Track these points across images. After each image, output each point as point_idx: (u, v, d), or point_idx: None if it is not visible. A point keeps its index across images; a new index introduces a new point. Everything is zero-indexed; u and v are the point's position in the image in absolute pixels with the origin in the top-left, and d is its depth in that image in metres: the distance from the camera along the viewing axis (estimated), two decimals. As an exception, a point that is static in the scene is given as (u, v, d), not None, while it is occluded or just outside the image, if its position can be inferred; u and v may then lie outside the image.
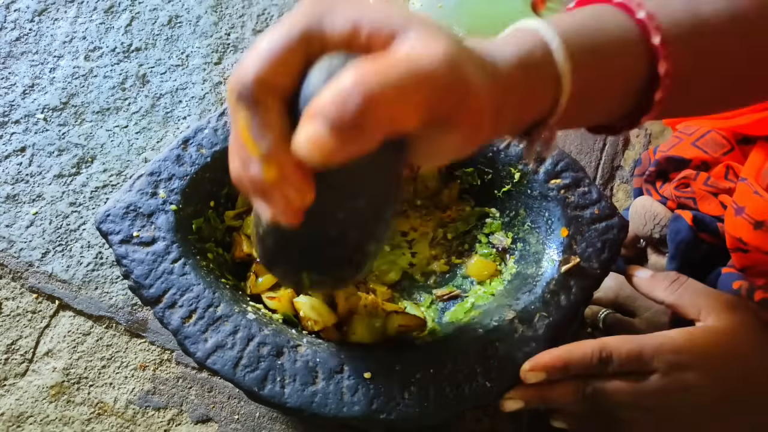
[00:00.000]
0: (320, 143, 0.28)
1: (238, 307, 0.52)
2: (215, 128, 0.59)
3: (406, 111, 0.29)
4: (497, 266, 0.60)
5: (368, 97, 0.27)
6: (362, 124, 0.28)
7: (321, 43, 0.31)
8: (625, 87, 0.38)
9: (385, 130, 0.29)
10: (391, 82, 0.28)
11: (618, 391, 0.49)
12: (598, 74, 0.36)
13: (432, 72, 0.29)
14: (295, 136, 0.29)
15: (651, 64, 0.37)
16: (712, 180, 0.62)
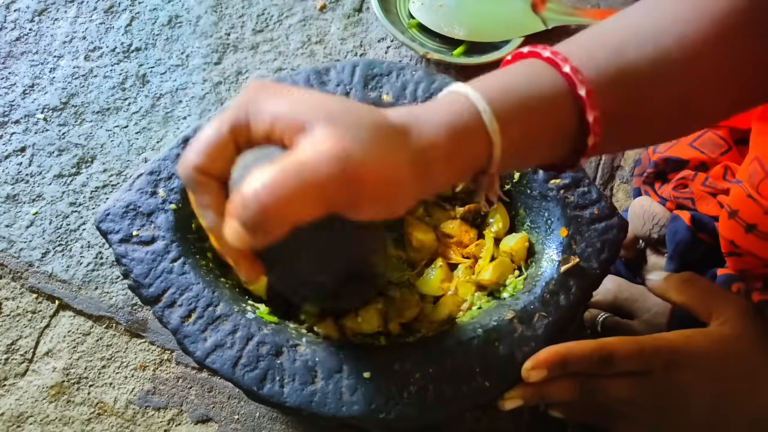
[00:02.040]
0: (238, 236, 0.34)
1: (237, 306, 0.52)
2: (215, 128, 0.59)
3: (300, 209, 0.33)
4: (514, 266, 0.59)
5: (260, 208, 0.33)
6: (262, 223, 0.33)
7: (247, 135, 0.37)
8: (557, 136, 0.41)
9: (286, 224, 0.34)
10: (279, 194, 0.33)
11: (616, 390, 0.49)
12: (528, 129, 0.39)
13: (318, 176, 0.33)
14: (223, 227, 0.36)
15: (579, 114, 0.40)
16: (711, 180, 0.62)
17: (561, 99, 0.40)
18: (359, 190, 0.35)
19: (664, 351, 0.49)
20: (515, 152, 0.39)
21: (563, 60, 0.40)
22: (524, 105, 0.39)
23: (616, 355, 0.49)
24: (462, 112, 0.38)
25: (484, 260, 0.59)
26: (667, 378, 0.48)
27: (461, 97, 0.39)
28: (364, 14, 0.91)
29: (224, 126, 0.37)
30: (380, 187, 0.35)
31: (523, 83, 0.40)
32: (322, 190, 0.33)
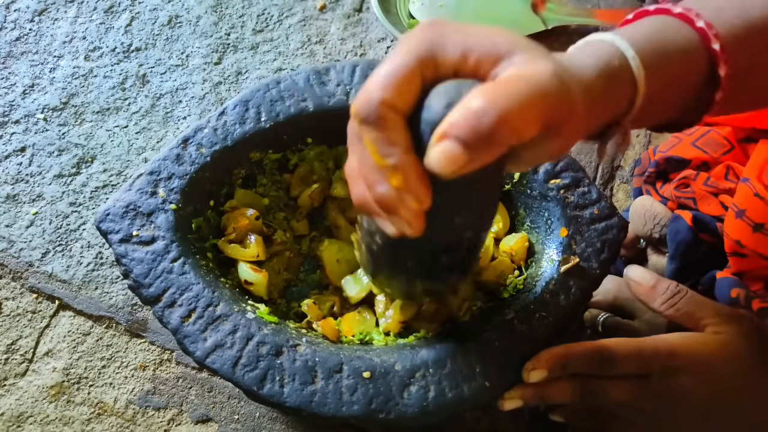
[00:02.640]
0: (453, 157, 0.32)
1: (237, 306, 0.52)
2: (215, 128, 0.59)
3: (528, 124, 0.33)
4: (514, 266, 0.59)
5: (500, 114, 0.31)
6: (494, 138, 0.32)
7: (434, 68, 0.35)
8: (689, 89, 0.42)
9: (511, 142, 0.33)
10: (516, 101, 0.32)
11: (616, 392, 0.49)
12: (666, 78, 0.40)
13: (546, 88, 0.33)
14: (429, 153, 0.33)
15: (711, 68, 0.41)
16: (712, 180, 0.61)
17: (695, 53, 0.41)
18: (568, 116, 0.35)
19: (663, 354, 0.49)
20: (651, 103, 0.40)
21: (696, 16, 0.41)
22: (665, 56, 0.40)
23: (615, 356, 0.49)
24: (612, 59, 0.38)
25: (483, 260, 0.59)
26: (666, 381, 0.49)
27: (608, 45, 0.39)
28: (364, 14, 0.91)
29: (410, 58, 0.35)
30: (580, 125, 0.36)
31: (661, 37, 0.40)
32: (547, 102, 0.33)
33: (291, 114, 0.60)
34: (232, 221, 0.58)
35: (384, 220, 0.39)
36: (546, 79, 0.33)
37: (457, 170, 0.33)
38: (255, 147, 0.60)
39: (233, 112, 0.59)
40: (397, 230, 0.39)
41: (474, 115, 0.32)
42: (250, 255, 0.57)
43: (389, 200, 0.37)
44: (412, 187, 0.36)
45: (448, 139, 0.32)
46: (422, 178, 0.36)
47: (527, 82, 0.33)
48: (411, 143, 0.36)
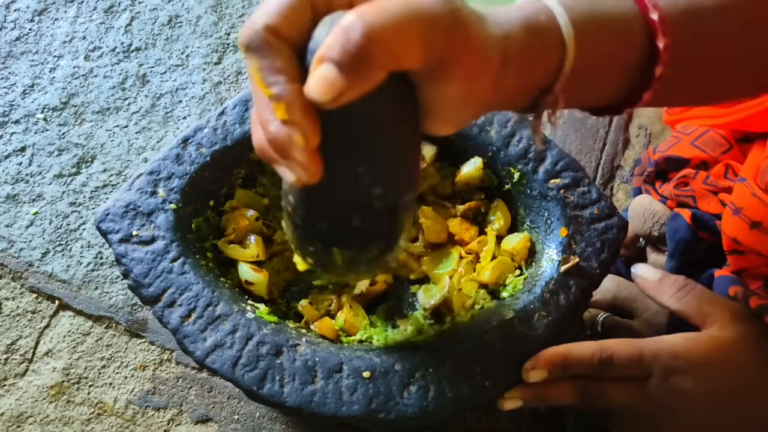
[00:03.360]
0: (329, 81, 0.30)
1: (237, 306, 0.52)
2: (215, 127, 0.59)
3: (405, 45, 0.31)
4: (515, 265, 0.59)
5: (368, 30, 0.29)
6: (365, 56, 0.30)
7: (326, 2, 0.34)
8: (625, 61, 0.39)
9: (387, 64, 0.31)
10: (390, 17, 0.30)
11: (616, 394, 0.49)
12: (599, 46, 0.38)
13: (429, 9, 0.31)
14: (307, 82, 0.31)
15: (650, 40, 0.39)
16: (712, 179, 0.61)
17: (632, 22, 0.38)
18: (459, 47, 0.32)
19: (664, 355, 0.49)
20: (582, 73, 0.38)
21: None
22: (597, 20, 0.38)
23: (616, 357, 0.49)
24: (538, 14, 0.36)
25: (484, 259, 0.59)
26: (667, 383, 0.48)
27: (535, 1, 0.37)
28: (364, 14, 0.90)
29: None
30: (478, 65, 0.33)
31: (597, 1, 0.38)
32: (429, 24, 0.31)
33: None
34: (232, 222, 0.58)
35: (282, 167, 0.36)
36: (429, 3, 0.31)
37: (336, 96, 0.31)
38: (255, 147, 0.60)
39: (233, 112, 0.59)
40: (295, 176, 0.36)
41: (343, 32, 0.30)
42: (250, 255, 0.57)
43: (279, 139, 0.34)
44: (297, 118, 0.33)
45: (322, 62, 0.31)
46: (308, 109, 0.33)
47: (405, 3, 0.31)
48: (297, 73, 0.33)
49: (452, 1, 0.32)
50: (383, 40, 0.30)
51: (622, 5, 0.39)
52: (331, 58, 0.30)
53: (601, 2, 0.38)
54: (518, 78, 0.36)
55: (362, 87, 0.31)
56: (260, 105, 0.35)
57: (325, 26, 0.33)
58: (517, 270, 0.58)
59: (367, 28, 0.30)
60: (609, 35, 0.38)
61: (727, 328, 0.50)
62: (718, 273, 0.57)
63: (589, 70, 0.38)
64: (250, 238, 0.58)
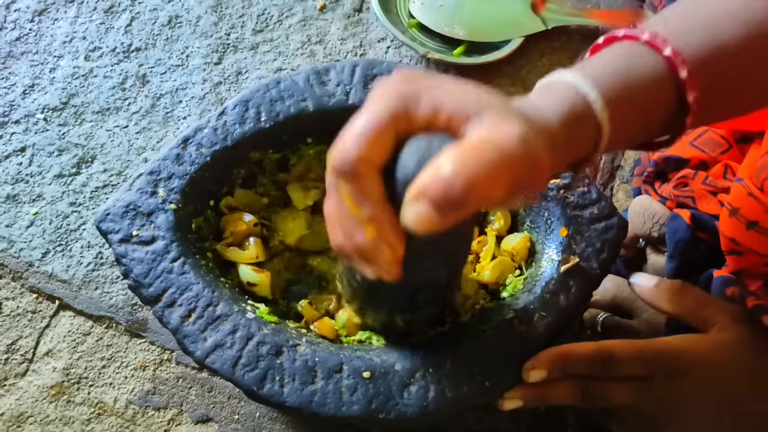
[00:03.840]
0: (426, 219, 0.34)
1: (237, 306, 0.52)
2: (215, 127, 0.59)
3: (495, 190, 0.34)
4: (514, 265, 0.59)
5: (468, 183, 0.33)
6: (463, 204, 0.33)
7: (407, 122, 0.37)
8: (657, 118, 0.42)
9: (481, 203, 0.35)
10: (484, 169, 0.33)
11: (617, 394, 0.49)
12: (632, 113, 0.40)
13: (513, 155, 0.34)
14: (403, 212, 0.35)
15: (679, 94, 0.41)
16: (711, 179, 0.61)
17: (662, 82, 0.40)
18: (534, 173, 0.35)
19: (665, 356, 0.49)
20: (618, 136, 0.40)
21: (663, 42, 0.40)
22: (629, 91, 0.40)
23: (616, 357, 0.49)
24: (575, 103, 0.39)
25: (484, 259, 0.59)
26: (668, 384, 0.48)
27: (569, 89, 0.39)
28: (364, 14, 0.91)
29: (384, 113, 0.36)
30: (543, 181, 0.37)
31: (626, 69, 0.40)
32: (513, 168, 0.34)
33: (291, 114, 0.60)
34: (231, 225, 0.58)
35: (363, 266, 0.41)
36: (513, 146, 0.34)
37: (429, 230, 0.34)
38: (255, 147, 0.60)
39: (233, 112, 0.60)
40: (375, 275, 0.40)
41: (445, 183, 0.33)
42: (249, 257, 0.57)
43: (366, 249, 0.39)
44: (387, 237, 0.38)
45: (420, 200, 0.34)
46: (395, 228, 0.37)
47: (494, 150, 0.34)
48: (384, 195, 0.37)
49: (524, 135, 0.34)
50: (479, 189, 0.33)
51: (652, 67, 0.41)
52: (429, 199, 0.34)
53: (632, 67, 0.40)
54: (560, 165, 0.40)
55: (453, 222, 0.34)
56: (344, 216, 0.39)
57: (412, 154, 0.36)
58: (517, 270, 0.58)
59: (468, 182, 0.33)
60: (640, 98, 0.40)
61: (727, 330, 0.50)
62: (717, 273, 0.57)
63: (622, 133, 0.41)
64: (249, 240, 0.58)
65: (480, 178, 0.33)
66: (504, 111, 0.36)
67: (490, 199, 0.34)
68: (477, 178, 0.33)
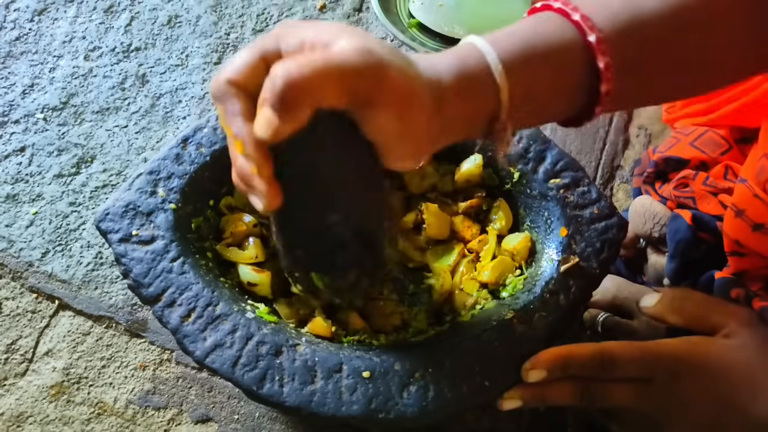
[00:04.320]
0: (266, 119, 0.36)
1: (236, 306, 0.52)
2: (214, 127, 0.59)
3: (323, 88, 0.36)
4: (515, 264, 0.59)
5: (287, 77, 0.35)
6: (287, 98, 0.35)
7: (277, 56, 0.39)
8: (568, 84, 0.42)
9: (309, 103, 0.36)
10: (306, 65, 0.35)
11: (617, 396, 0.49)
12: (538, 73, 0.41)
13: (342, 57, 0.36)
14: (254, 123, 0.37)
15: (591, 61, 0.41)
16: (711, 180, 0.61)
17: (571, 46, 0.41)
18: (379, 86, 0.37)
19: (667, 358, 0.49)
20: (526, 98, 0.41)
21: (573, 9, 0.41)
22: (531, 50, 0.40)
23: (617, 359, 0.48)
24: (468, 56, 0.40)
25: (485, 259, 0.59)
26: (669, 387, 0.48)
27: (467, 45, 0.41)
28: (364, 14, 0.91)
29: (255, 49, 0.39)
30: (400, 95, 0.37)
31: (531, 31, 0.41)
32: (344, 69, 0.36)
33: (291, 114, 0.59)
34: (230, 226, 0.58)
35: (251, 196, 0.42)
36: (347, 51, 0.36)
37: (273, 132, 0.36)
38: (255, 147, 0.60)
39: (233, 112, 0.59)
40: (259, 203, 0.41)
41: (270, 80, 0.36)
42: (249, 257, 0.57)
43: (242, 171, 0.40)
44: (250, 151, 0.39)
45: (261, 105, 0.37)
46: (258, 144, 0.38)
47: (326, 53, 0.36)
48: (249, 114, 0.39)
49: (370, 51, 0.37)
50: (300, 83, 0.35)
51: (560, 31, 0.41)
52: (265, 101, 0.36)
53: (536, 32, 0.41)
54: (459, 114, 0.40)
55: (293, 123, 0.36)
56: (230, 144, 0.41)
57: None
58: (517, 270, 0.58)
59: (286, 74, 0.35)
60: (545, 63, 0.41)
61: (736, 333, 0.50)
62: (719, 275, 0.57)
63: (531, 95, 0.41)
64: (249, 240, 0.58)
65: (300, 74, 0.35)
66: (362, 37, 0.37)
67: (322, 95, 0.36)
68: (296, 73, 0.35)
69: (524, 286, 0.56)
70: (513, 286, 0.56)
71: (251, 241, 0.58)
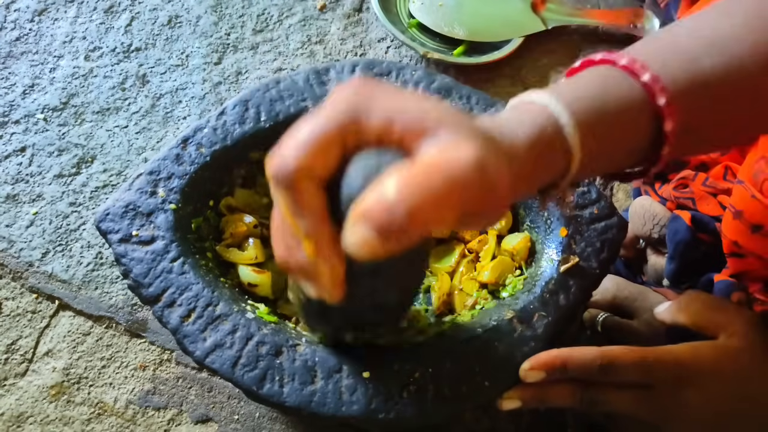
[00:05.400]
0: (367, 243, 0.31)
1: (237, 306, 0.52)
2: (214, 127, 0.59)
3: (441, 214, 0.31)
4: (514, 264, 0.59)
5: (410, 209, 0.30)
6: (405, 231, 0.31)
7: (356, 134, 0.34)
8: (632, 146, 0.40)
9: (426, 229, 0.32)
10: (430, 193, 0.30)
11: (617, 401, 0.49)
12: (605, 139, 0.38)
13: (464, 179, 0.31)
14: (344, 235, 0.32)
15: (656, 123, 0.39)
16: (711, 180, 0.61)
17: (639, 109, 0.39)
18: (490, 198, 0.33)
19: (668, 365, 0.48)
20: (588, 164, 0.39)
21: (642, 68, 0.39)
22: (603, 116, 0.38)
23: (618, 364, 0.48)
24: (545, 126, 0.37)
25: (484, 259, 0.59)
26: (670, 393, 0.48)
27: (541, 110, 0.37)
28: (364, 14, 0.91)
29: (332, 122, 0.34)
30: (501, 206, 0.35)
31: (602, 93, 0.38)
32: (464, 193, 0.31)
33: (291, 114, 0.60)
34: (230, 226, 0.58)
35: (303, 282, 0.38)
36: (467, 172, 0.31)
37: (371, 256, 0.32)
38: (255, 147, 0.60)
39: (233, 112, 0.60)
40: (317, 294, 0.38)
41: (387, 208, 0.30)
42: (248, 258, 0.57)
43: (305, 267, 0.36)
44: (326, 254, 0.35)
45: (362, 224, 0.31)
46: (335, 247, 0.35)
47: (446, 171, 0.31)
48: (326, 211, 0.35)
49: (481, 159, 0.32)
50: (423, 216, 0.31)
51: (628, 92, 0.39)
52: (371, 223, 0.31)
53: (608, 92, 0.38)
54: (527, 187, 0.38)
55: (396, 250, 0.32)
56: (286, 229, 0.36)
57: (358, 171, 0.34)
58: (517, 270, 0.58)
59: (410, 207, 0.30)
60: (616, 124, 0.38)
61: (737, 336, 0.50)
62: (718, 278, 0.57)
63: (595, 156, 0.39)
64: (249, 241, 0.58)
65: (426, 205, 0.30)
66: (464, 130, 0.33)
67: (438, 226, 0.32)
68: (422, 204, 0.30)
69: (524, 286, 0.56)
70: (513, 286, 0.56)
71: (251, 242, 0.58)
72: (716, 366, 0.49)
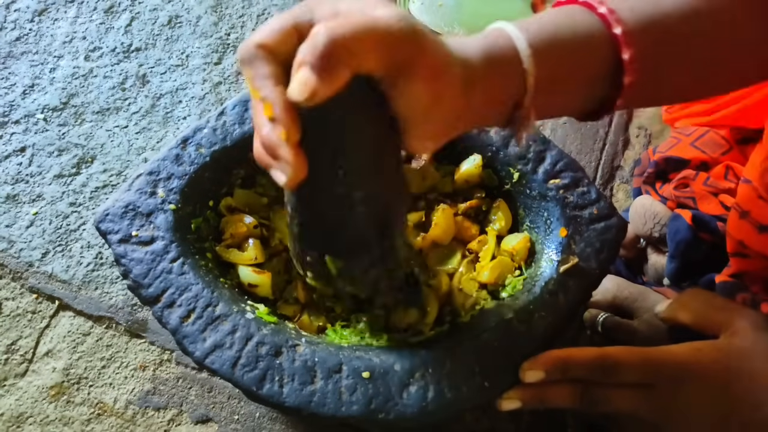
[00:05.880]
0: (304, 80, 0.35)
1: (236, 306, 0.52)
2: (214, 128, 0.59)
3: (366, 49, 0.35)
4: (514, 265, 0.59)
5: (331, 34, 0.35)
6: (329, 55, 0.35)
7: (310, 23, 0.38)
8: (592, 74, 0.43)
9: (350, 63, 0.35)
10: (349, 25, 0.35)
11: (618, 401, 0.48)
12: (562, 62, 0.41)
13: (385, 24, 0.36)
14: (290, 88, 0.36)
15: (615, 53, 0.42)
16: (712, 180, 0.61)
17: (596, 37, 0.42)
18: (417, 56, 0.36)
19: (670, 365, 0.48)
20: (550, 86, 0.41)
21: (599, 2, 0.42)
22: (558, 39, 0.41)
23: (619, 364, 0.48)
24: (496, 39, 0.41)
25: (484, 259, 0.59)
26: (671, 393, 0.48)
27: (495, 29, 0.42)
28: (364, 14, 0.91)
29: (287, 17, 0.39)
30: (436, 67, 0.37)
31: (558, 21, 0.42)
32: (385, 35, 0.35)
33: (290, 114, 0.59)
34: (230, 227, 0.58)
35: (275, 170, 0.40)
36: (390, 19, 0.36)
37: (310, 94, 0.35)
38: (254, 147, 0.60)
39: (233, 112, 0.59)
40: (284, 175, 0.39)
41: (311, 39, 0.35)
42: (248, 258, 0.57)
43: (268, 138, 0.39)
44: (279, 115, 0.38)
45: (300, 69, 0.36)
46: (289, 108, 0.37)
47: (365, 17, 0.36)
48: (281, 81, 0.38)
49: (411, 20, 0.36)
50: (344, 43, 0.35)
51: (586, 23, 0.42)
52: (303, 61, 0.35)
53: (563, 22, 0.42)
54: (485, 96, 0.40)
55: (332, 84, 0.35)
56: (257, 113, 0.39)
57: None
58: (516, 270, 0.58)
59: (330, 33, 0.35)
60: (571, 51, 0.41)
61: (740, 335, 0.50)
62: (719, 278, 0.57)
63: (555, 83, 0.42)
64: (249, 242, 0.58)
65: (343, 32, 0.35)
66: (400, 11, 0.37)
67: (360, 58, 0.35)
68: (339, 31, 0.35)
69: (524, 286, 0.56)
70: (512, 286, 0.56)
71: (251, 243, 0.58)
72: (717, 365, 0.49)
